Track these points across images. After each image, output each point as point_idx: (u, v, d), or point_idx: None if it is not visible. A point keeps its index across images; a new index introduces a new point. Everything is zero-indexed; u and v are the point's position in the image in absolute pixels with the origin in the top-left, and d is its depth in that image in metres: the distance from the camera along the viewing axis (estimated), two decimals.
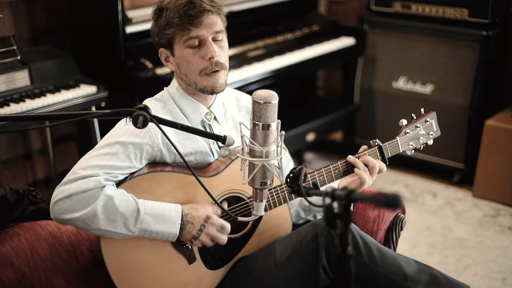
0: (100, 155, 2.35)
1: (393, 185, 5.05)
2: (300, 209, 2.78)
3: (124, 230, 2.31)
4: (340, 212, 1.68)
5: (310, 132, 4.82)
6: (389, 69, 5.18)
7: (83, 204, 2.27)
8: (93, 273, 2.58)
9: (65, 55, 4.05)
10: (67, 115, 2.13)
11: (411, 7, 5.00)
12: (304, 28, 5.07)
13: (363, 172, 2.53)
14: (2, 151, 4.25)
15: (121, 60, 4.01)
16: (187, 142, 2.47)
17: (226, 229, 2.44)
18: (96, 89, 3.86)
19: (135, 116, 1.96)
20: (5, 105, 3.53)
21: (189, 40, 2.43)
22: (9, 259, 2.44)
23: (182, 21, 2.41)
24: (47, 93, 3.73)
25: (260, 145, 2.06)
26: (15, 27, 4.16)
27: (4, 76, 3.64)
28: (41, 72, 3.78)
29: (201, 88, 2.49)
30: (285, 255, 2.48)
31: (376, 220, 2.78)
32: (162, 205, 2.37)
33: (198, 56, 2.45)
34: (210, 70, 2.45)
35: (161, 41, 2.50)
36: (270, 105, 2.03)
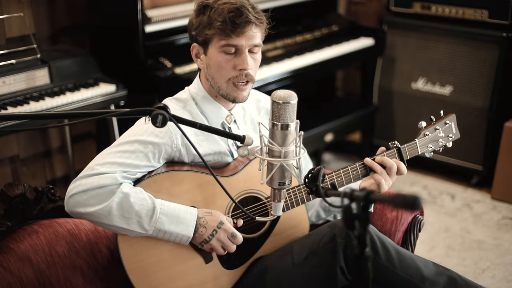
0: (118, 152, 2.35)
1: (411, 186, 5.03)
2: (320, 209, 2.78)
3: (138, 228, 2.32)
4: (358, 213, 1.68)
5: (329, 133, 4.81)
6: (408, 70, 5.16)
7: (99, 199, 2.27)
8: (110, 271, 2.59)
9: (85, 53, 4.07)
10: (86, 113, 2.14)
11: (431, 8, 4.98)
12: (323, 28, 5.07)
13: (380, 175, 2.52)
14: (22, 149, 4.27)
15: (140, 59, 4.02)
16: (206, 143, 2.48)
17: (237, 238, 2.44)
18: (115, 88, 3.87)
19: (154, 115, 1.97)
20: (25, 103, 3.55)
21: (226, 47, 2.42)
22: (27, 256, 2.46)
23: (225, 26, 2.39)
24: (66, 92, 3.75)
25: (278, 145, 2.05)
26: (35, 25, 4.19)
27: (24, 74, 3.66)
28: (60, 71, 3.79)
29: (224, 94, 2.49)
30: (303, 255, 2.47)
31: (394, 222, 2.77)
32: (178, 207, 2.37)
33: (230, 64, 2.44)
34: (239, 81, 2.45)
35: (198, 37, 2.48)
36: (289, 105, 2.03)
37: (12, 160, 4.26)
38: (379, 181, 2.51)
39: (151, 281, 2.41)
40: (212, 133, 2.23)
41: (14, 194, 2.52)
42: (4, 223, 2.51)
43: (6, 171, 4.24)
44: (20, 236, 2.51)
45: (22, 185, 2.54)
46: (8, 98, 3.58)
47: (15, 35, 4.06)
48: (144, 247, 2.38)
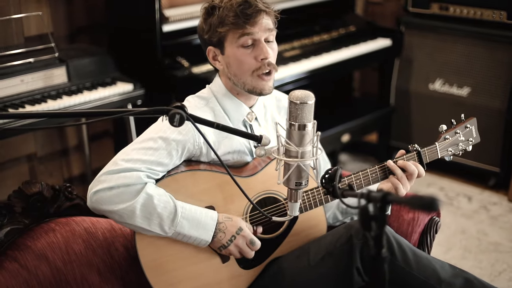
0: (142, 148, 2.36)
1: (428, 187, 5.02)
2: (338, 211, 2.77)
3: (158, 230, 2.32)
4: (375, 214, 1.67)
5: (345, 133, 4.81)
6: (426, 71, 5.15)
7: (123, 198, 2.28)
8: (127, 269, 2.60)
9: (102, 52, 4.08)
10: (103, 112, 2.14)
11: (449, 9, 4.96)
12: (341, 28, 5.06)
13: (399, 179, 2.51)
14: (39, 147, 4.29)
15: (158, 59, 4.03)
16: (226, 142, 2.48)
17: (256, 245, 2.44)
18: (133, 87, 3.88)
19: (172, 114, 1.97)
20: (43, 101, 3.57)
21: (243, 38, 2.43)
22: (44, 254, 2.47)
23: (237, 19, 2.40)
24: (84, 90, 3.76)
25: (295, 146, 2.05)
26: (54, 24, 4.21)
27: (42, 73, 3.67)
28: (78, 69, 3.81)
29: (250, 89, 2.49)
30: (319, 256, 2.47)
31: (410, 223, 2.77)
32: (200, 211, 2.37)
33: (250, 57, 2.45)
34: (263, 71, 2.46)
35: (212, 39, 2.49)
36: (306, 105, 2.02)
37: (30, 158, 4.28)
38: (396, 185, 2.50)
39: (168, 279, 2.41)
40: (229, 132, 2.23)
41: (32, 192, 2.53)
42: (21, 221, 2.52)
43: (24, 169, 4.27)
44: (37, 234, 2.52)
45: (39, 183, 2.56)
46: (26, 96, 3.60)
47: (33, 33, 4.08)
48: (161, 246, 2.39)
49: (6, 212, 2.49)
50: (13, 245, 2.49)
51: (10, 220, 2.50)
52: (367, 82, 5.95)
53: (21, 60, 3.68)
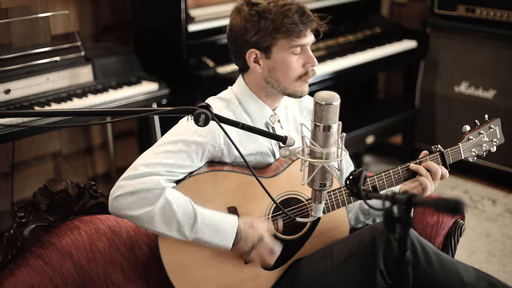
0: (162, 152, 2.36)
1: (452, 190, 4.99)
2: (360, 212, 2.76)
3: (178, 235, 2.33)
4: (400, 216, 1.67)
5: (370, 135, 4.80)
6: (451, 73, 5.12)
7: (142, 203, 2.29)
8: (150, 268, 2.60)
9: (128, 52, 4.11)
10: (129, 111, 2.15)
11: (475, 11, 4.93)
12: (366, 29, 5.05)
13: (426, 178, 2.50)
14: (64, 145, 4.32)
15: (183, 58, 4.04)
16: (248, 143, 2.48)
17: (276, 253, 2.44)
18: (158, 87, 3.90)
19: (197, 114, 1.97)
20: (68, 100, 3.59)
21: (295, 47, 2.43)
22: (68, 252, 2.48)
23: (295, 27, 2.39)
24: (109, 89, 3.79)
25: (320, 147, 2.05)
26: (80, 23, 4.23)
27: (68, 72, 3.70)
28: (104, 68, 3.83)
29: (290, 92, 2.49)
30: (342, 257, 2.46)
31: (435, 226, 2.75)
32: (219, 216, 2.37)
33: (299, 63, 2.46)
34: (309, 77, 2.48)
35: (260, 42, 2.45)
36: (331, 106, 2.02)
37: (55, 156, 4.31)
38: (425, 184, 2.49)
39: (190, 279, 2.42)
40: (254, 133, 2.23)
41: (57, 190, 2.54)
42: (46, 218, 2.54)
43: (49, 167, 4.29)
44: (62, 232, 2.53)
45: (64, 181, 2.57)
46: (52, 94, 3.63)
47: (60, 32, 4.11)
48: (184, 246, 2.39)
49: (31, 210, 2.51)
50: (38, 242, 2.51)
51: (35, 217, 2.51)
52: (392, 83, 5.93)
53: (47, 58, 3.71)
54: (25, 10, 3.97)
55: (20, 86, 3.56)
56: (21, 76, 3.58)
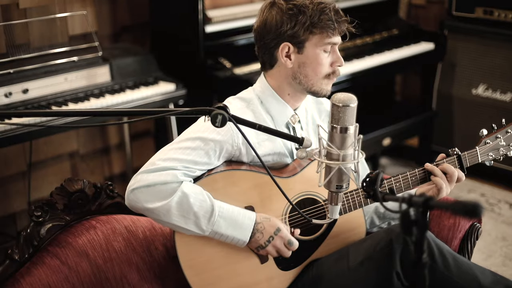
0: (180, 148, 2.37)
1: (469, 193, 4.97)
2: (375, 216, 2.76)
3: (195, 229, 2.33)
4: (416, 219, 1.66)
5: (386, 137, 4.78)
6: (469, 76, 5.10)
7: (159, 196, 2.30)
8: (166, 268, 2.61)
9: (145, 52, 4.12)
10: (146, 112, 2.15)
11: (494, 13, 4.91)
12: (384, 31, 5.05)
13: (441, 179, 2.50)
14: (81, 145, 4.33)
15: (200, 59, 4.05)
16: (266, 143, 2.48)
17: (293, 245, 2.44)
18: (175, 87, 3.91)
19: (214, 115, 1.97)
20: (86, 99, 3.61)
21: (328, 45, 2.46)
22: (85, 251, 2.49)
23: (331, 25, 2.43)
24: (126, 89, 3.80)
25: (337, 148, 2.05)
26: (98, 24, 4.25)
27: (86, 72, 3.72)
28: (121, 69, 3.85)
29: (316, 90, 2.51)
30: (358, 259, 2.46)
31: (451, 228, 2.74)
32: (237, 210, 2.38)
33: (328, 61, 2.48)
34: (335, 76, 2.51)
35: (295, 36, 2.46)
36: (348, 108, 2.02)
37: (72, 156, 4.33)
38: (440, 185, 2.49)
39: (206, 278, 2.42)
40: (271, 134, 2.23)
41: (74, 189, 2.55)
42: (63, 218, 2.55)
43: (66, 166, 4.31)
44: (78, 231, 2.54)
45: (81, 180, 2.58)
46: (70, 94, 3.64)
47: (77, 32, 4.12)
48: (201, 245, 2.39)
49: (48, 209, 2.52)
50: (54, 241, 2.52)
51: (52, 216, 2.53)
52: (409, 85, 5.91)
53: (65, 58, 3.73)
54: (43, 10, 3.99)
55: (38, 86, 3.58)
56: (39, 76, 3.60)
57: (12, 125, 3.27)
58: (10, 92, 3.48)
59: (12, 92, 3.49)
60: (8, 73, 3.55)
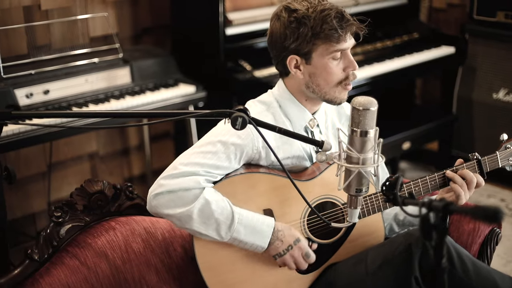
0: (201, 152, 2.37)
1: (489, 198, 4.95)
2: (394, 223, 2.74)
3: (214, 235, 2.34)
4: (436, 224, 1.66)
5: (406, 141, 4.76)
6: (489, 80, 5.07)
7: (181, 202, 2.30)
8: (184, 270, 2.61)
9: (166, 54, 4.13)
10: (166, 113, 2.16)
11: None
12: (404, 35, 5.03)
13: (460, 187, 2.48)
14: (101, 146, 4.35)
15: (221, 62, 4.06)
16: (286, 146, 2.47)
17: (310, 258, 2.44)
18: (195, 89, 3.92)
19: (234, 117, 1.98)
20: (106, 101, 3.62)
21: (336, 52, 2.42)
22: (104, 252, 2.50)
23: (334, 33, 2.38)
24: (146, 91, 3.81)
25: (357, 152, 2.04)
26: (119, 25, 4.27)
27: (106, 73, 3.73)
28: (142, 70, 3.86)
29: (330, 98, 2.48)
30: (377, 263, 2.45)
31: (471, 233, 2.73)
32: (256, 217, 2.38)
33: (339, 68, 2.45)
34: (349, 81, 2.47)
35: (300, 49, 2.44)
36: (369, 112, 2.01)
37: (91, 157, 4.34)
38: (458, 192, 2.47)
39: (224, 280, 2.42)
40: (291, 137, 2.23)
41: (94, 190, 2.56)
42: (82, 218, 2.56)
43: (85, 167, 4.33)
44: (98, 232, 2.55)
45: (101, 181, 2.59)
46: (90, 96, 3.66)
47: (98, 34, 4.14)
48: (219, 247, 2.40)
49: (68, 209, 2.53)
50: (74, 242, 2.53)
51: (72, 217, 2.54)
52: (429, 89, 5.89)
53: (86, 60, 3.75)
54: (65, 12, 4.01)
55: (58, 87, 3.60)
56: (60, 77, 3.62)
57: (33, 126, 3.29)
58: (31, 93, 3.50)
59: (33, 93, 3.51)
60: (29, 74, 3.57)
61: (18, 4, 3.82)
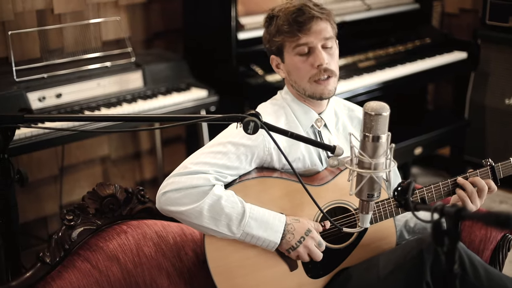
0: (211, 152, 2.38)
1: (501, 204, 4.93)
2: (404, 230, 2.74)
3: (226, 231, 2.34)
4: (448, 229, 1.65)
5: (418, 146, 4.75)
6: (502, 86, 5.05)
7: (191, 199, 2.31)
8: (196, 274, 2.61)
9: (178, 58, 4.14)
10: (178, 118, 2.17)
11: None
12: (416, 40, 5.02)
13: (470, 194, 2.47)
14: (113, 150, 4.36)
15: (233, 66, 4.06)
16: (297, 148, 2.48)
17: (322, 246, 2.44)
18: (207, 93, 3.92)
19: (246, 122, 1.98)
20: (118, 105, 3.63)
21: (298, 47, 2.44)
22: (115, 256, 2.50)
23: (291, 28, 2.42)
24: (159, 95, 3.82)
25: (369, 157, 2.04)
26: (131, 29, 4.28)
27: (118, 77, 3.75)
28: (154, 74, 3.87)
29: (310, 94, 2.49)
30: (389, 269, 2.44)
31: (483, 240, 2.72)
32: (268, 212, 2.38)
33: (307, 64, 2.46)
34: (319, 77, 2.45)
35: (272, 48, 2.52)
36: (381, 117, 2.01)
37: (103, 161, 4.35)
38: (463, 198, 2.47)
39: (235, 284, 2.42)
40: (303, 142, 2.23)
41: (105, 194, 2.57)
42: (94, 222, 2.56)
43: (97, 171, 4.34)
44: (109, 235, 2.55)
45: (113, 185, 2.59)
46: (102, 99, 3.67)
47: (111, 38, 4.15)
48: (230, 251, 2.40)
49: (80, 213, 2.53)
50: (85, 245, 2.53)
51: (83, 220, 2.54)
52: (441, 94, 5.88)
53: (98, 64, 3.76)
54: (77, 16, 4.03)
55: (71, 91, 3.61)
56: (72, 81, 3.64)
57: (45, 129, 3.31)
58: (43, 96, 3.52)
59: (46, 96, 3.53)
60: (42, 78, 3.59)
61: (31, 8, 3.84)
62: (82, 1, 4.03)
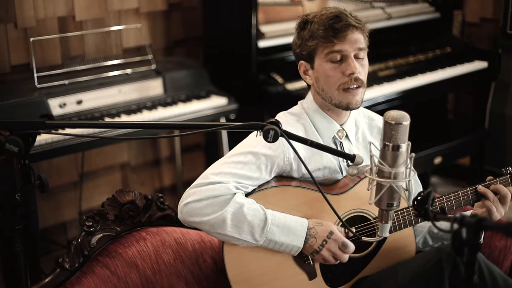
0: (232, 162, 2.38)
1: None
2: (428, 236, 2.72)
3: (249, 238, 2.33)
4: (468, 239, 1.64)
5: (438, 156, 4.73)
6: None
7: (213, 209, 2.31)
8: (214, 282, 2.61)
9: (198, 66, 4.15)
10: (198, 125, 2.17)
11: None
12: (437, 49, 5.01)
13: (492, 203, 2.46)
14: (133, 156, 4.37)
15: (253, 74, 4.06)
16: (317, 158, 2.47)
17: (348, 247, 2.41)
18: (227, 101, 3.93)
19: (266, 130, 1.98)
20: (138, 112, 3.65)
21: (331, 54, 2.43)
22: (134, 262, 2.51)
23: (326, 33, 2.40)
24: (179, 102, 3.83)
25: (389, 166, 2.03)
26: (152, 37, 4.29)
27: (139, 84, 3.76)
28: (174, 82, 3.88)
29: (336, 103, 2.48)
30: (408, 278, 2.44)
31: (502, 250, 2.71)
32: (289, 217, 2.38)
33: (338, 71, 2.44)
34: (348, 86, 2.44)
35: (302, 53, 2.50)
36: (401, 126, 2.00)
37: (123, 167, 4.37)
38: (489, 208, 2.45)
39: None
40: (323, 150, 2.23)
41: (125, 200, 2.57)
42: (113, 228, 2.57)
43: (117, 177, 4.36)
44: (129, 242, 2.56)
45: (132, 192, 2.60)
46: (123, 106, 3.69)
47: (131, 45, 4.17)
48: (249, 259, 2.40)
49: (99, 219, 2.54)
50: (105, 251, 2.54)
51: (103, 227, 2.55)
52: (461, 104, 5.85)
53: (119, 71, 3.78)
54: (99, 23, 4.05)
55: (92, 97, 3.63)
56: (93, 88, 3.66)
57: (66, 136, 3.33)
58: (64, 103, 3.54)
59: (67, 103, 3.55)
60: (63, 84, 3.61)
61: (53, 15, 3.87)
62: (103, 9, 4.06)
